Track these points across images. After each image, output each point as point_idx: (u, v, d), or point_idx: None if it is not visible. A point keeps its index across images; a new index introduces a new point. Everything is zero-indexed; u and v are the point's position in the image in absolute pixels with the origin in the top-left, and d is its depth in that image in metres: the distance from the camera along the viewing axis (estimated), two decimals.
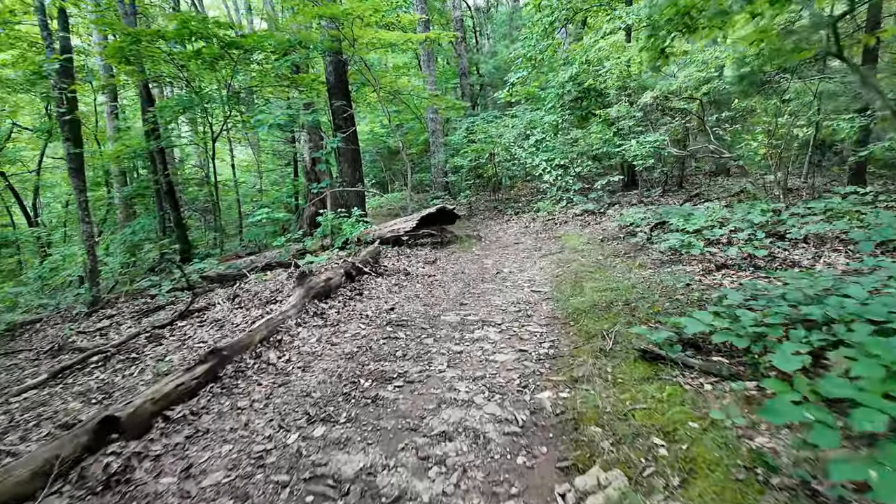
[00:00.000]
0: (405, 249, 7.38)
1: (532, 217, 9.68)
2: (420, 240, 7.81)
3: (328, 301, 4.73)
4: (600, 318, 3.76)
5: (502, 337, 3.74)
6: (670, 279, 4.39)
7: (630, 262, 5.32)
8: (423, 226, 7.68)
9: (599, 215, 8.59)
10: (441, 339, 3.76)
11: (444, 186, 15.58)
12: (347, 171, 10.09)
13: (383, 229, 7.73)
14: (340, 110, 9.86)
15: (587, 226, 8.14)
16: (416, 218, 7.53)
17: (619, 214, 7.98)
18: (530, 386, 2.89)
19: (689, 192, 9.99)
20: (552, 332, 3.76)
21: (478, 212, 11.85)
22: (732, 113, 6.41)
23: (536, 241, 7.84)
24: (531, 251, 7.17)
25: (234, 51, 9.22)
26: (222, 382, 3.00)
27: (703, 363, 2.61)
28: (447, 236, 7.86)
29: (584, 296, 4.42)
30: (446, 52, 22.04)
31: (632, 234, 6.64)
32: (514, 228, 9.35)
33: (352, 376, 3.15)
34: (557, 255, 6.53)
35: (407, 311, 4.54)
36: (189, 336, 4.58)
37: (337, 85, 9.98)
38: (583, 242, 6.78)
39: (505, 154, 11.88)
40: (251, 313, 4.93)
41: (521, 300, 4.73)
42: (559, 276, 5.41)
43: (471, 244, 7.74)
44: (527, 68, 13.03)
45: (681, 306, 3.64)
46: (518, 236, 8.52)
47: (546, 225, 8.86)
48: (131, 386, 3.51)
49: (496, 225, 10.05)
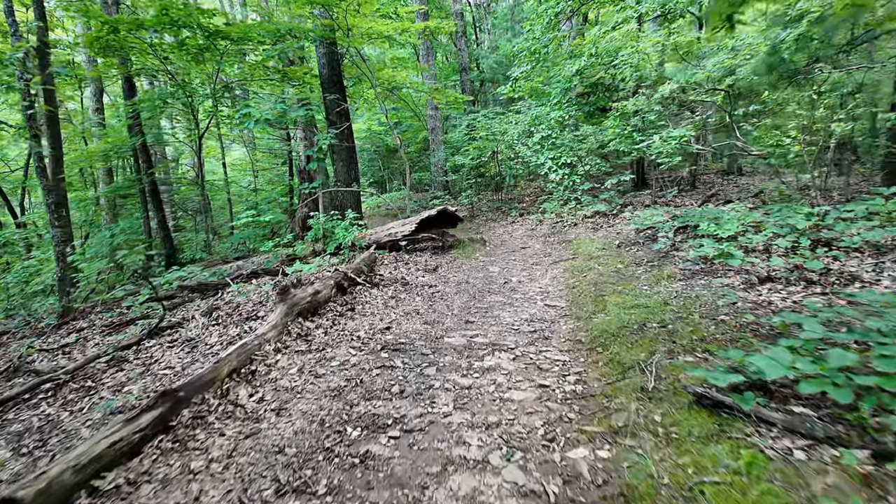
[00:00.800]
0: (403, 255, 6.80)
1: (538, 219, 9.10)
2: (420, 244, 7.23)
3: (315, 319, 4.14)
4: (633, 343, 3.18)
5: (517, 366, 3.16)
6: (708, 294, 3.82)
7: (656, 271, 4.74)
8: (422, 229, 7.10)
9: (612, 217, 8.01)
10: (445, 369, 3.18)
11: (444, 186, 15.00)
12: (342, 171, 9.49)
13: (380, 233, 7.14)
14: (334, 105, 9.26)
15: (599, 229, 7.56)
16: (415, 221, 6.95)
17: (633, 216, 7.40)
18: (558, 438, 2.31)
19: (705, 192, 9.42)
20: (577, 360, 3.18)
21: (480, 213, 11.27)
22: (761, 106, 5.85)
23: (545, 246, 7.26)
24: (540, 257, 6.59)
25: (221, 41, 8.61)
26: (175, 434, 2.41)
27: (786, 418, 2.03)
28: (449, 240, 7.27)
29: (609, 313, 3.84)
30: (446, 47, 21.44)
31: (652, 239, 6.07)
32: (519, 231, 8.77)
33: (337, 422, 2.57)
34: (570, 261, 5.96)
35: (405, 330, 3.95)
36: (155, 359, 3.99)
37: (330, 78, 9.38)
38: (597, 248, 6.20)
39: (508, 152, 11.30)
40: (228, 331, 4.34)
41: (535, 317, 4.15)
42: (576, 288, 4.83)
43: (474, 249, 7.16)
44: (530, 62, 12.43)
45: (730, 331, 3.06)
46: (525, 240, 7.94)
47: (554, 227, 8.27)
48: (74, 429, 2.93)
49: (500, 227, 9.47)
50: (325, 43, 9.21)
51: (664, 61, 6.04)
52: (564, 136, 9.94)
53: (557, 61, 12.52)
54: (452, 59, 20.87)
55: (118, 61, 9.56)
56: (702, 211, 5.73)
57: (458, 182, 14.51)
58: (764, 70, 6.06)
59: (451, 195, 14.55)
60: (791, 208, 5.24)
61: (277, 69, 9.86)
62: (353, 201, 9.50)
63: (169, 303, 6.25)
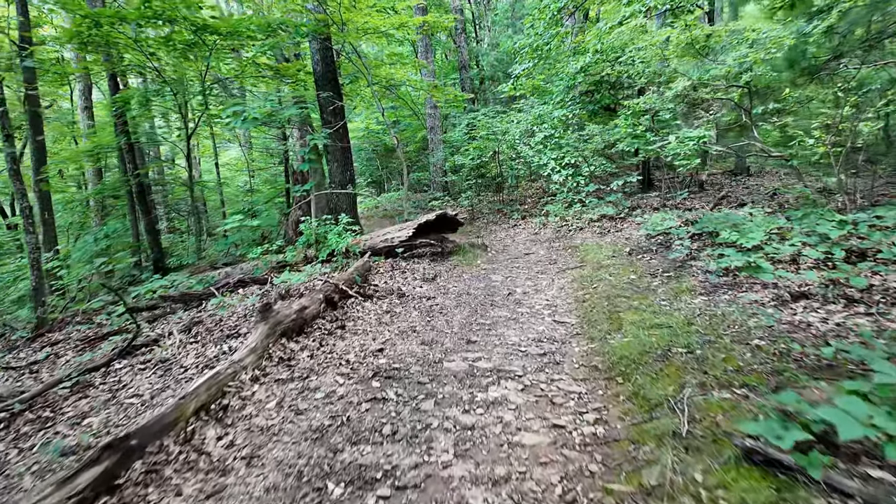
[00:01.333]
0: (400, 262, 6.41)
1: (542, 222, 8.72)
2: (418, 250, 6.84)
3: (301, 339, 3.76)
4: (658, 373, 2.80)
5: (526, 399, 2.78)
6: (736, 313, 3.44)
7: (674, 284, 4.36)
8: (420, 234, 6.71)
9: (619, 221, 7.63)
10: (444, 402, 2.80)
11: (444, 187, 14.62)
12: (336, 171, 9.10)
13: (375, 238, 6.76)
14: (328, 103, 8.87)
15: (606, 233, 7.18)
16: (412, 226, 6.56)
17: (644, 221, 7.02)
18: (580, 500, 1.93)
19: (715, 195, 9.04)
20: (594, 392, 2.80)
21: (481, 215, 10.88)
22: (780, 104, 5.47)
23: (550, 252, 6.88)
24: (546, 264, 6.21)
25: (209, 36, 8.21)
26: (122, 495, 2.03)
27: (865, 489, 1.65)
28: (448, 246, 6.88)
29: (627, 333, 3.46)
30: (445, 45, 21.04)
31: (665, 246, 5.68)
32: (522, 235, 8.39)
33: (317, 475, 2.18)
34: (578, 270, 5.58)
35: (400, 353, 3.57)
36: (124, 384, 3.61)
37: (324, 75, 8.99)
38: (607, 255, 5.82)
39: (509, 152, 10.92)
40: (207, 351, 3.96)
41: (543, 336, 3.77)
42: (586, 301, 4.45)
43: (475, 255, 6.78)
44: (532, 59, 12.04)
45: (769, 361, 2.69)
46: (528, 245, 7.56)
47: (559, 232, 7.89)
48: (18, 475, 2.54)
49: (502, 231, 9.08)
50: (318, 38, 8.82)
51: (679, 56, 5.65)
52: (568, 135, 9.57)
53: (560, 58, 12.15)
54: (452, 56, 20.47)
55: (103, 57, 9.17)
56: (718, 216, 5.35)
57: (458, 183, 14.13)
58: (784, 66, 5.68)
59: (451, 196, 14.17)
60: (816, 214, 4.86)
61: (270, 66, 9.47)
62: (349, 204, 9.12)
63: (149, 314, 5.87)
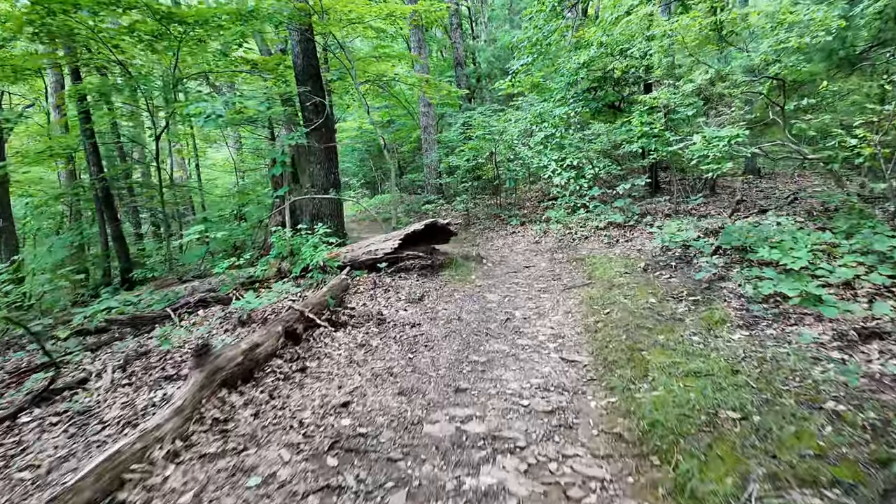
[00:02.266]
0: (384, 278, 5.68)
1: (542, 229, 8.00)
2: (405, 263, 6.11)
3: (247, 388, 3.02)
4: (708, 452, 2.08)
5: (532, 490, 2.05)
6: (792, 357, 2.73)
7: (704, 312, 3.65)
8: (408, 245, 5.99)
9: (628, 229, 6.91)
10: (421, 494, 2.08)
11: (438, 189, 13.92)
12: (319, 174, 8.36)
13: (357, 250, 6.02)
14: (309, 99, 8.14)
15: (615, 244, 6.47)
16: (398, 236, 5.84)
17: (655, 229, 6.32)
18: None
19: (730, 199, 8.35)
20: (622, 479, 2.08)
21: (477, 220, 10.16)
22: (816, 99, 4.78)
23: (553, 265, 6.16)
24: (548, 280, 5.49)
25: (176, 26, 7.47)
26: None
27: None
28: (439, 259, 6.15)
29: (656, 382, 2.75)
30: (440, 42, 20.31)
31: (685, 261, 4.97)
32: (521, 244, 7.67)
33: None
34: (586, 289, 4.86)
35: (370, 408, 2.84)
36: (24, 447, 2.87)
37: (306, 69, 8.25)
38: (618, 271, 5.10)
39: (507, 153, 10.20)
40: (137, 399, 3.23)
41: (550, 381, 3.05)
42: (599, 332, 3.74)
43: (469, 269, 6.05)
44: (531, 54, 11.36)
45: (860, 439, 1.98)
46: (528, 256, 6.84)
47: (562, 241, 7.17)
48: None
49: (499, 239, 8.36)
50: (299, 29, 8.09)
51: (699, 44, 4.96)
52: (571, 135, 8.87)
53: (560, 54, 11.45)
54: (448, 54, 19.73)
55: (64, 49, 8.43)
56: (745, 228, 4.64)
57: (453, 185, 13.42)
58: (820, 56, 4.97)
59: (446, 199, 13.46)
60: (866, 226, 4.17)
61: (247, 60, 8.73)
62: (333, 210, 8.38)
63: (95, 339, 5.13)
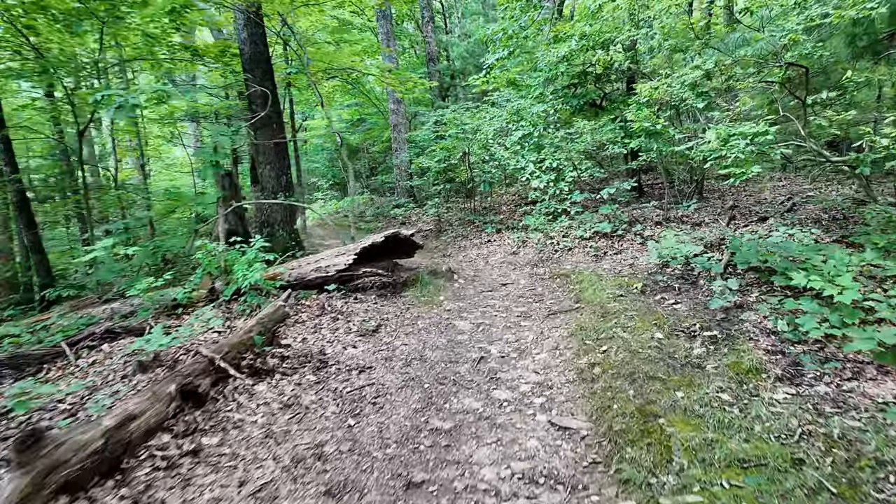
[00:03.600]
0: (335, 301, 4.74)
1: (521, 238, 7.19)
2: (362, 281, 5.20)
3: (105, 491, 2.07)
4: None
5: None
6: (876, 439, 1.96)
7: (728, 356, 2.87)
8: (365, 261, 5.07)
9: (617, 239, 6.17)
10: None
11: (409, 191, 13.02)
12: (269, 175, 7.37)
13: (305, 267, 5.07)
14: (256, 90, 7.14)
15: (603, 256, 5.71)
16: (353, 250, 4.92)
17: (650, 241, 5.59)
18: None
19: (721, 205, 7.74)
20: None
21: (449, 227, 9.31)
22: (839, 92, 4.12)
23: (533, 281, 5.35)
24: (529, 302, 4.67)
25: (98, 4, 6.38)
26: None
27: None
28: (402, 276, 5.26)
29: (686, 475, 1.93)
30: (412, 37, 19.40)
31: (688, 282, 4.22)
32: (498, 255, 6.84)
33: None
34: (575, 314, 4.05)
35: None
36: None
37: (253, 57, 7.25)
38: (611, 293, 4.31)
39: (482, 153, 9.39)
40: None
41: (538, 468, 2.20)
42: (597, 380, 2.92)
43: (437, 288, 5.17)
44: (507, 47, 10.58)
45: None
46: (505, 270, 6.01)
47: (543, 252, 6.37)
48: None
49: (473, 248, 7.52)
50: (246, 12, 7.09)
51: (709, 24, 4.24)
52: (552, 133, 8.13)
53: (538, 48, 10.73)
54: (420, 50, 18.83)
55: None
56: (762, 243, 3.92)
57: (424, 187, 12.53)
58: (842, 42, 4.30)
59: (417, 202, 12.57)
60: None
61: (185, 46, 7.64)
62: (285, 216, 7.39)
63: None
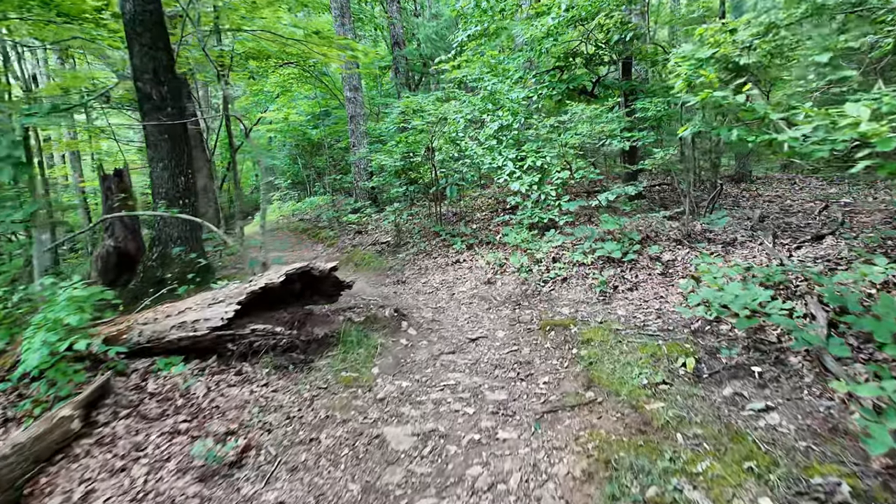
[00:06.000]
0: (198, 385, 2.94)
1: (499, 259, 5.47)
2: (254, 341, 3.38)
3: None
4: None
5: None
6: None
7: None
8: (260, 309, 3.29)
9: (630, 267, 4.51)
10: None
11: (370, 193, 11.18)
12: (161, 177, 5.46)
13: (164, 321, 3.23)
14: (146, 62, 5.24)
15: (612, 295, 4.04)
16: (237, 297, 3.12)
17: (671, 268, 3.96)
18: None
19: (742, 212, 6.22)
20: None
21: (410, 239, 7.55)
22: None
23: (516, 333, 3.65)
24: (511, 379, 2.97)
25: None
26: None
27: None
28: (317, 333, 3.46)
29: None
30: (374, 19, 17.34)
31: (767, 354, 2.59)
32: (467, 284, 5.12)
33: None
34: (588, 418, 2.37)
35: None
36: None
37: (138, 17, 5.30)
38: (644, 373, 2.64)
39: (450, 148, 7.64)
40: None
41: None
42: None
43: (371, 351, 3.40)
44: (481, 23, 8.87)
45: None
46: (477, 311, 4.29)
47: (527, 283, 4.67)
48: None
49: (437, 271, 5.78)
50: None
51: None
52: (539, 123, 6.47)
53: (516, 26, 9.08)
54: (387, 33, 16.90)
55: None
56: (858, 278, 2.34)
57: (386, 188, 10.72)
58: None
59: (378, 206, 10.74)
60: None
61: (44, 1, 5.65)
62: (185, 231, 5.48)
63: None
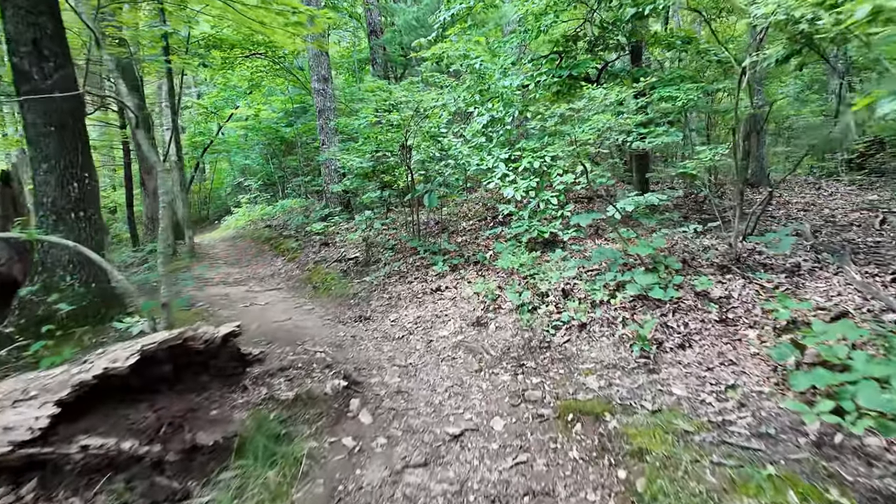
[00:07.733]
0: None
1: (490, 291, 4.21)
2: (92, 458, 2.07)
3: None
4: None
5: None
6: None
7: None
8: (112, 400, 2.00)
9: (671, 308, 3.31)
10: None
11: (342, 198, 9.86)
12: (45, 182, 4.08)
13: None
14: (23, 30, 3.89)
15: (659, 358, 2.85)
16: (56, 393, 1.84)
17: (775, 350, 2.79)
18: None
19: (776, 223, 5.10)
20: None
21: (381, 255, 6.27)
22: None
23: (522, 426, 2.43)
24: None
25: None
26: None
27: None
28: (201, 440, 2.14)
29: None
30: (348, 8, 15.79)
31: None
32: (450, 326, 3.86)
33: None
34: None
35: None
36: None
37: None
38: None
39: (430, 147, 6.36)
40: None
41: None
42: None
43: (287, 473, 2.12)
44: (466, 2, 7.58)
45: None
46: (462, 375, 3.06)
47: (530, 334, 3.44)
48: None
49: (411, 304, 4.50)
50: None
51: None
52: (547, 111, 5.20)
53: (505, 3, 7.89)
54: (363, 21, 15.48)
55: None
56: None
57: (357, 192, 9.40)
58: None
59: (350, 212, 9.41)
60: None
61: None
62: (83, 256, 4.12)
63: None
